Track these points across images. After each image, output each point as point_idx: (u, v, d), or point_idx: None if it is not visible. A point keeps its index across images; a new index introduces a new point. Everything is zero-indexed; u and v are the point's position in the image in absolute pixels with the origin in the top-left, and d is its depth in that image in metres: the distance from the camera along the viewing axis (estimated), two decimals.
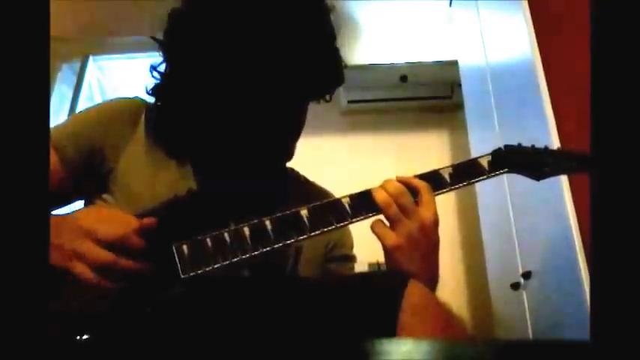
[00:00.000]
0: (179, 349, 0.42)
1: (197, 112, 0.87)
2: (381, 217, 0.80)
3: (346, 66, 0.92)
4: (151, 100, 0.92)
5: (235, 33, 0.83)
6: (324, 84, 0.91)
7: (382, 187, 0.80)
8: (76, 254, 0.68)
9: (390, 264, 0.79)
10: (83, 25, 2.78)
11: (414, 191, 0.80)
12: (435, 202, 0.81)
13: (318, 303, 0.71)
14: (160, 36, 0.89)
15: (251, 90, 0.84)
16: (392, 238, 0.78)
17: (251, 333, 0.69)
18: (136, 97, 0.93)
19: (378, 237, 0.79)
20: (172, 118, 0.89)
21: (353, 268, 1.02)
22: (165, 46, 0.89)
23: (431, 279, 0.78)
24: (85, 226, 0.70)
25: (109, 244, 0.69)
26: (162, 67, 0.90)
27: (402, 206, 0.78)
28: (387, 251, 0.78)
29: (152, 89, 0.91)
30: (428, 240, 0.79)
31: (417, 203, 0.79)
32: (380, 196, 0.79)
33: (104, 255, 0.68)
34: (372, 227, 0.80)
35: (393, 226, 0.78)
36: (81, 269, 0.67)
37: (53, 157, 0.82)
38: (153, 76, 0.91)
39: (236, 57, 0.83)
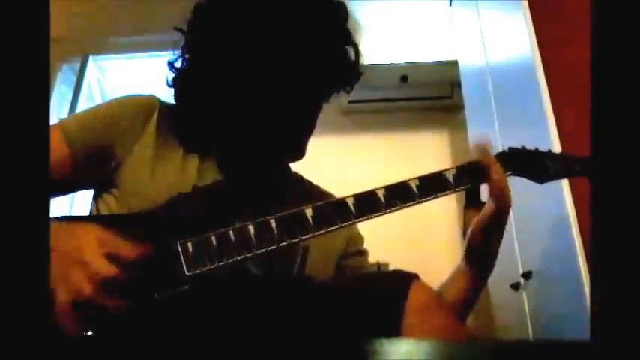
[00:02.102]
0: (181, 346, 0.42)
1: (215, 108, 0.88)
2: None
3: (363, 60, 0.93)
4: (166, 97, 0.93)
5: (257, 30, 0.84)
6: (344, 81, 0.92)
7: (495, 181, 0.84)
8: (67, 284, 0.65)
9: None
10: (83, 25, 2.78)
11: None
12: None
13: (322, 302, 0.71)
14: (162, 38, 0.90)
15: (271, 88, 0.85)
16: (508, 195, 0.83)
17: (253, 331, 0.69)
18: (151, 94, 0.93)
19: (500, 193, 0.83)
20: (190, 113, 0.89)
21: (367, 260, 1.04)
22: (189, 40, 0.89)
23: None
24: (83, 257, 0.67)
25: (105, 282, 0.66)
26: (178, 63, 0.91)
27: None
28: (504, 205, 0.83)
29: (173, 80, 0.92)
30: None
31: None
32: (488, 159, 0.84)
33: (96, 295, 0.65)
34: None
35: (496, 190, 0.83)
36: (63, 299, 0.64)
37: (63, 148, 0.83)
38: (171, 71, 0.91)
39: (258, 54, 0.84)
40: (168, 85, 0.92)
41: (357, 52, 0.92)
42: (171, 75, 0.92)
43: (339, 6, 0.90)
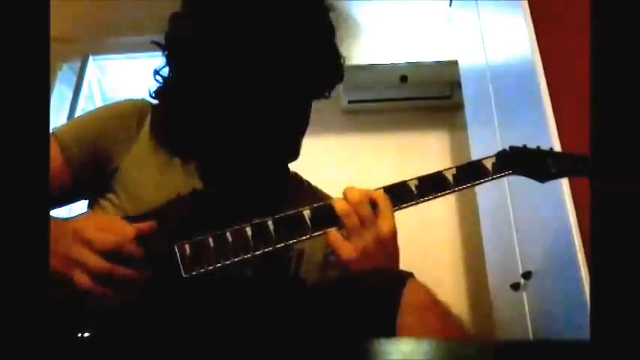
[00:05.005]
0: (178, 348, 0.42)
1: (201, 114, 0.88)
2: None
3: (344, 61, 0.93)
4: (156, 102, 0.93)
5: (235, 34, 0.83)
6: (325, 80, 0.92)
7: (343, 196, 0.79)
8: (75, 262, 0.67)
9: (344, 275, 0.78)
10: (83, 25, 2.78)
11: (372, 203, 0.78)
12: (392, 214, 0.79)
13: (318, 303, 0.71)
14: (161, 38, 0.90)
15: (253, 90, 0.84)
16: (348, 250, 0.76)
17: (251, 333, 0.69)
18: (143, 98, 0.93)
19: (334, 249, 0.77)
20: (177, 120, 0.89)
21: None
22: (167, 50, 0.89)
23: None
24: (83, 234, 0.69)
25: (108, 253, 0.68)
26: (164, 71, 0.91)
27: (360, 217, 0.77)
28: (342, 264, 0.77)
29: (155, 92, 0.91)
30: (385, 252, 0.77)
31: (375, 215, 0.77)
32: (340, 206, 0.77)
33: (102, 264, 0.67)
34: (329, 238, 0.77)
35: (350, 237, 0.77)
36: (80, 277, 0.67)
37: (58, 156, 0.83)
38: (156, 80, 0.91)
39: (236, 58, 0.83)
40: (150, 96, 0.92)
41: (338, 51, 0.91)
42: (155, 84, 0.91)
43: (319, 4, 0.89)
